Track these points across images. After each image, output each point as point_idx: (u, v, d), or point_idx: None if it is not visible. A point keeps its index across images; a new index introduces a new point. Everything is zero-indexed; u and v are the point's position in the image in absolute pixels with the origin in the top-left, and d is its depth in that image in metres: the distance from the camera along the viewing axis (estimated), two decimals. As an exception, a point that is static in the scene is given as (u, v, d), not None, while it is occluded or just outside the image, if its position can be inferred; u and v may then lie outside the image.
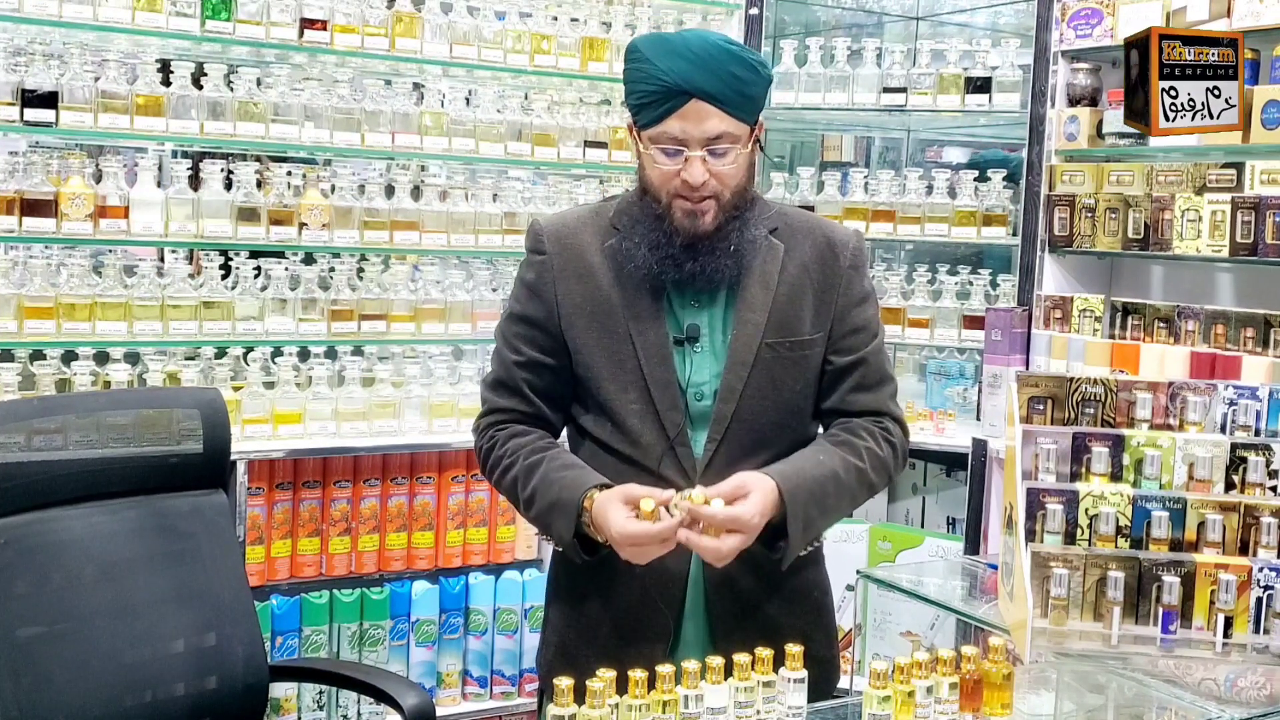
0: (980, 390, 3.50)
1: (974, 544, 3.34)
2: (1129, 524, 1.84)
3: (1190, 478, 1.88)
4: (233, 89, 3.15)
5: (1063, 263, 3.43)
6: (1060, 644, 1.80)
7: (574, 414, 2.06)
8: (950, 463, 3.66)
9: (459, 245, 3.46)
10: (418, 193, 3.45)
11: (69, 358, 3.03)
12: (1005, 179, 3.65)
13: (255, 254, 3.26)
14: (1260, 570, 1.78)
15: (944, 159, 4.45)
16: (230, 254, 3.23)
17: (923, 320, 3.65)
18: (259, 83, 3.19)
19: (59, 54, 3.02)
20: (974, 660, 1.65)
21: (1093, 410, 1.96)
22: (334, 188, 3.34)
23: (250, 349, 3.22)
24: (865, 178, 3.77)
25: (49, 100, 2.92)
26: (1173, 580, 1.78)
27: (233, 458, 2.57)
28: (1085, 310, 3.28)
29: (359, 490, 3.29)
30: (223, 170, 3.17)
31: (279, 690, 3.16)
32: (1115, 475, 1.89)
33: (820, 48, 3.75)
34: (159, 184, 3.16)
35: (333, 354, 3.33)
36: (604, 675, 1.49)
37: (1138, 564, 1.80)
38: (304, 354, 3.27)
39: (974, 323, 3.59)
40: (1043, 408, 1.97)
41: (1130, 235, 3.14)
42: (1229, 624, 1.78)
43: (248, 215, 3.17)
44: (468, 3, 3.50)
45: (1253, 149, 2.91)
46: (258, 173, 3.21)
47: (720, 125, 1.89)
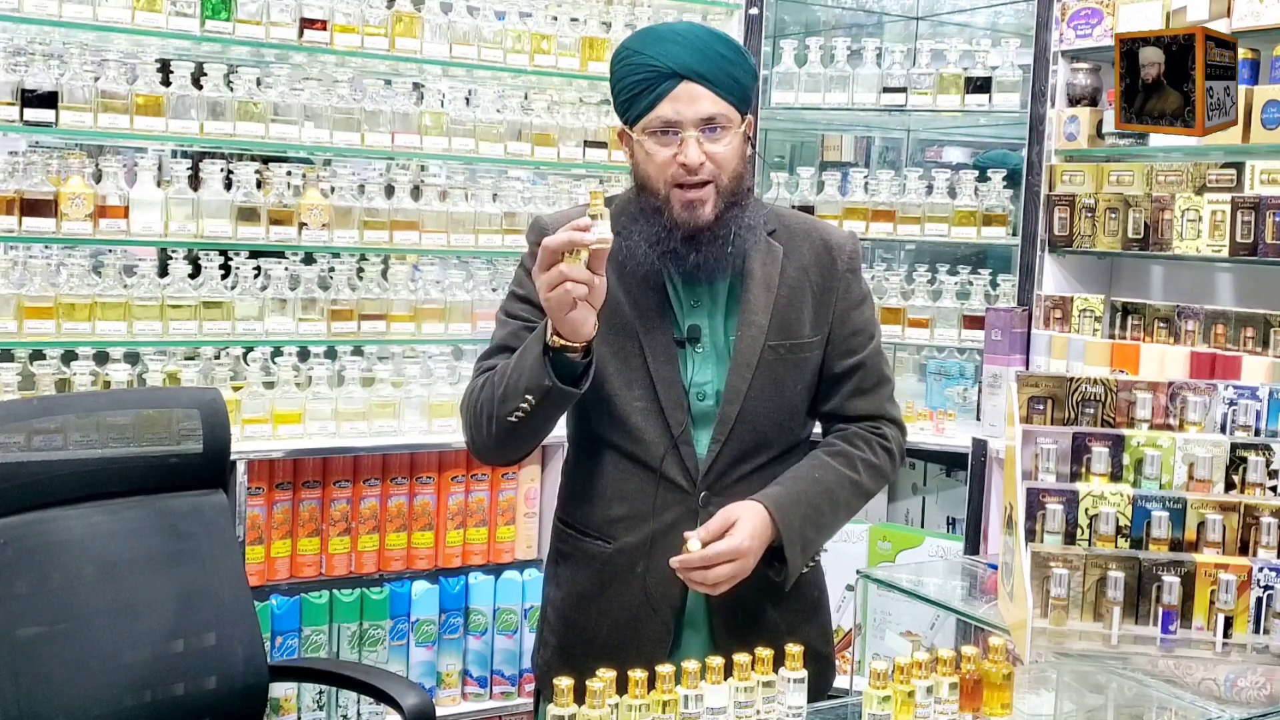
0: (980, 390, 3.50)
1: (974, 544, 3.34)
2: (1129, 524, 1.84)
3: (1190, 478, 1.88)
4: (232, 89, 3.15)
5: (1063, 263, 3.43)
6: (1060, 644, 1.80)
7: (577, 410, 2.06)
8: (950, 463, 3.66)
9: (459, 245, 3.46)
10: (417, 193, 3.45)
11: (69, 358, 3.03)
12: (1005, 179, 3.65)
13: (255, 254, 3.26)
14: (1260, 570, 1.78)
15: (944, 159, 4.45)
16: (230, 254, 3.23)
17: (923, 320, 3.65)
18: (259, 83, 3.19)
19: (59, 54, 3.02)
20: (974, 660, 1.65)
21: (1093, 410, 1.96)
22: (334, 188, 3.34)
23: (250, 349, 3.22)
24: (865, 178, 3.77)
25: (49, 100, 2.92)
26: (1173, 580, 1.78)
27: (232, 458, 2.57)
28: (1085, 310, 3.28)
29: (359, 490, 3.29)
30: (223, 170, 3.17)
31: (279, 690, 3.16)
32: (1115, 475, 1.89)
33: (820, 48, 3.75)
34: (159, 184, 3.16)
35: (332, 354, 3.33)
36: (604, 675, 1.49)
37: (1138, 564, 1.80)
38: (304, 354, 3.27)
39: (974, 323, 3.59)
40: (1043, 408, 1.97)
41: (1130, 235, 3.14)
42: (1229, 624, 1.78)
43: (247, 215, 3.17)
44: (468, 3, 3.50)
45: (1253, 149, 2.91)
46: (257, 173, 3.21)
47: (712, 107, 1.90)
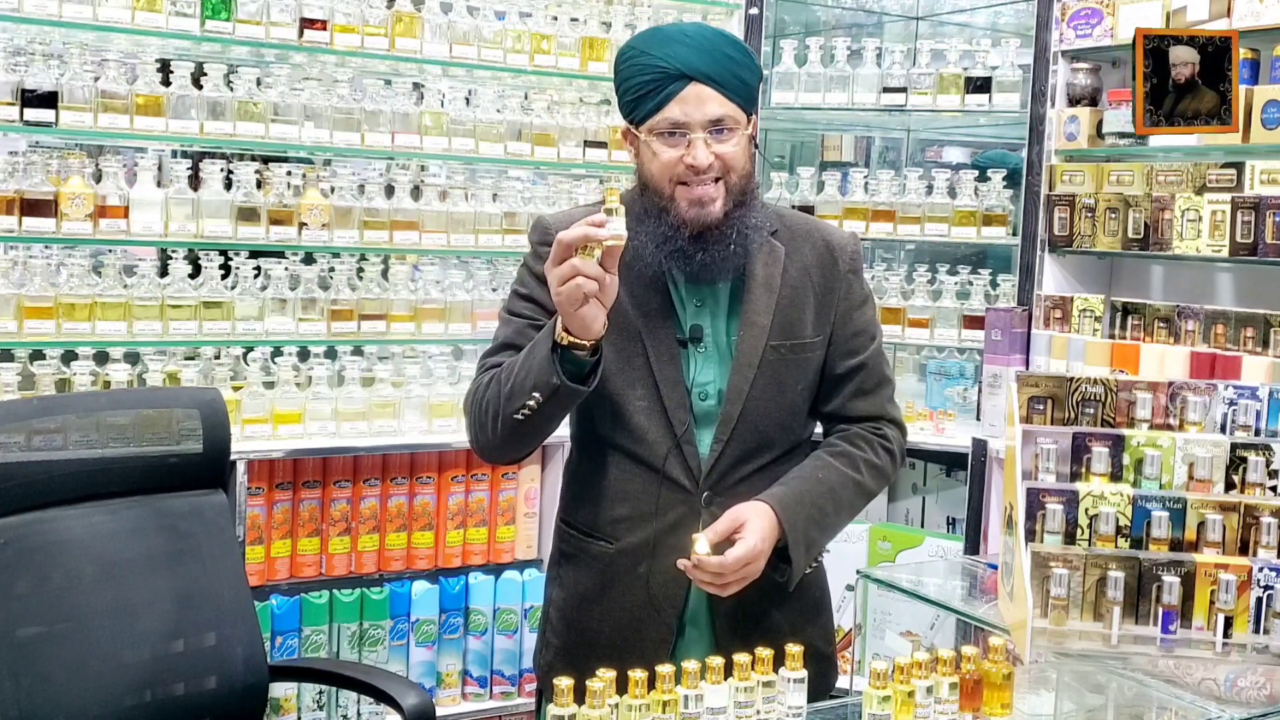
0: (980, 390, 3.50)
1: (974, 544, 3.34)
2: (1129, 524, 1.84)
3: (1190, 478, 1.88)
4: (232, 89, 3.15)
5: (1063, 263, 3.43)
6: (1060, 644, 1.80)
7: (580, 411, 2.06)
8: (950, 463, 3.66)
9: (459, 245, 3.46)
10: (417, 193, 3.45)
11: (69, 358, 3.03)
12: (1005, 179, 3.65)
13: (255, 254, 3.26)
14: (1260, 570, 1.78)
15: (944, 159, 4.45)
16: (230, 254, 3.23)
17: (923, 320, 3.65)
18: (259, 83, 3.19)
19: (59, 54, 3.02)
20: (974, 660, 1.65)
21: (1093, 410, 1.96)
22: (334, 188, 3.34)
23: (250, 349, 3.22)
24: (865, 178, 3.77)
25: (49, 100, 2.92)
26: (1173, 580, 1.78)
27: (232, 458, 2.57)
28: (1085, 310, 3.28)
29: (359, 490, 3.29)
30: (222, 170, 3.17)
31: (279, 690, 3.16)
32: (1115, 475, 1.89)
33: (820, 47, 3.75)
34: (159, 184, 3.16)
35: (332, 354, 3.33)
36: (604, 675, 1.49)
37: (1138, 564, 1.80)
38: (304, 354, 3.27)
39: (974, 323, 3.59)
40: (1043, 408, 1.97)
41: (1130, 235, 3.14)
42: (1229, 624, 1.78)
43: (247, 215, 3.17)
44: (468, 3, 3.50)
45: (1253, 149, 2.91)
46: (257, 173, 3.21)
47: (720, 109, 1.90)
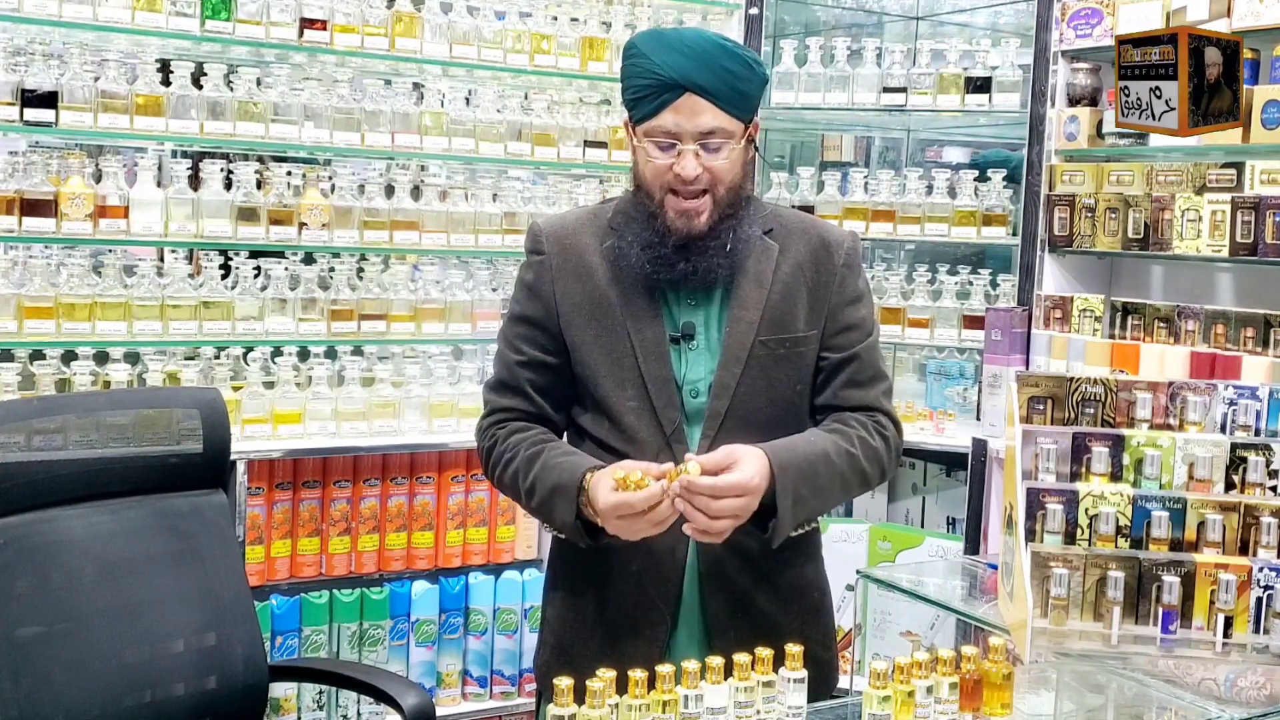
0: (980, 390, 3.50)
1: (974, 544, 3.34)
2: (1129, 524, 1.84)
3: (1190, 478, 1.88)
4: (232, 89, 3.15)
5: (1063, 263, 3.42)
6: (1060, 644, 1.80)
7: (573, 413, 2.07)
8: (950, 463, 3.66)
9: (459, 245, 3.46)
10: (417, 193, 3.45)
11: (69, 358, 3.03)
12: (1005, 179, 3.65)
13: (255, 254, 3.26)
14: (1260, 570, 1.78)
15: (944, 159, 4.45)
16: (230, 254, 3.23)
17: (923, 320, 3.64)
18: (259, 83, 3.19)
19: (59, 54, 3.02)
20: (974, 660, 1.65)
21: (1093, 410, 1.96)
22: (334, 188, 3.34)
23: (250, 349, 3.22)
24: (865, 178, 3.77)
25: (49, 100, 2.92)
26: (1173, 580, 1.78)
27: (232, 458, 2.57)
28: (1085, 310, 3.28)
29: (359, 490, 3.29)
30: (222, 170, 3.17)
31: (279, 690, 3.16)
32: (1115, 475, 1.89)
33: (820, 48, 3.75)
34: (159, 184, 3.16)
35: (332, 354, 3.33)
36: (604, 675, 1.49)
37: (1138, 564, 1.80)
38: (304, 354, 3.27)
39: (974, 323, 3.59)
40: (1043, 408, 1.97)
41: (1130, 235, 3.14)
42: (1229, 624, 1.78)
43: (247, 215, 3.17)
44: (468, 3, 3.50)
45: (1253, 149, 2.91)
46: (257, 173, 3.21)
47: (713, 120, 1.91)
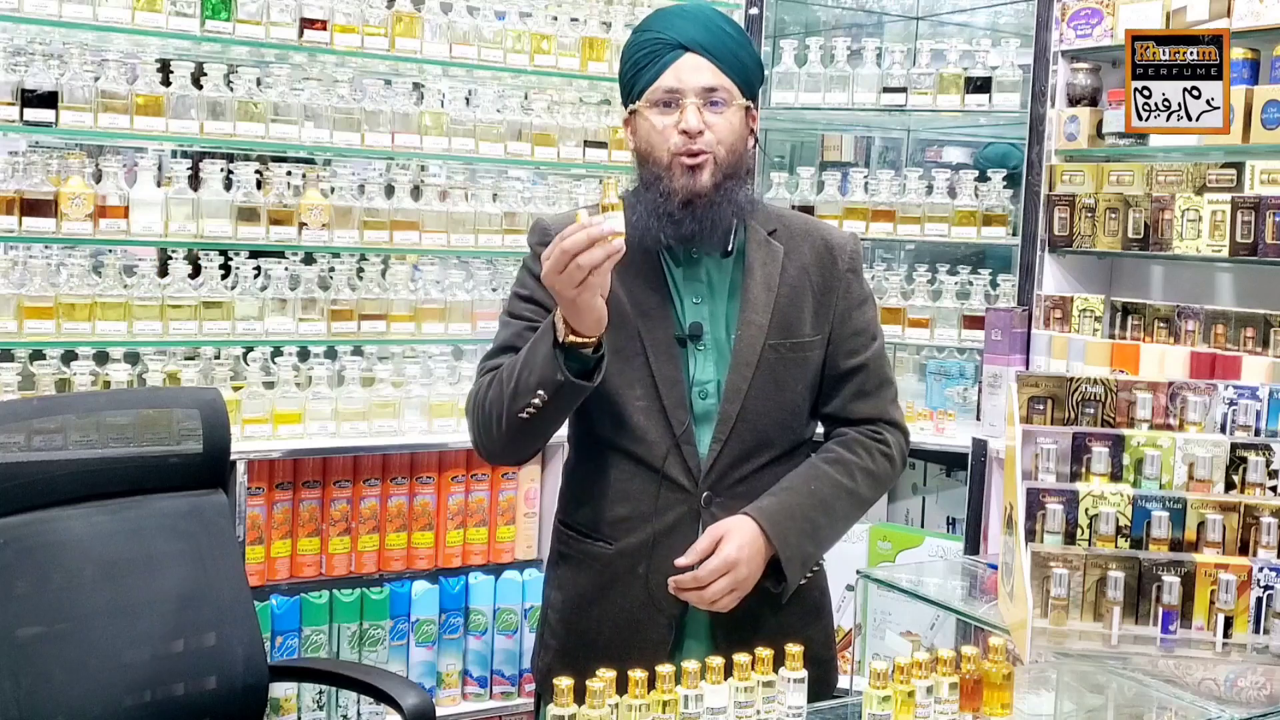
0: (980, 390, 3.50)
1: (974, 544, 3.34)
2: (1129, 524, 1.84)
3: (1190, 478, 1.88)
4: (232, 89, 3.15)
5: (1063, 263, 3.43)
6: (1060, 644, 1.80)
7: (579, 412, 2.05)
8: (950, 463, 3.66)
9: (459, 245, 3.46)
10: (418, 193, 3.45)
11: (69, 358, 3.03)
12: (1005, 179, 3.65)
13: (255, 254, 3.26)
14: (1260, 570, 1.78)
15: (944, 159, 4.45)
16: (230, 254, 3.23)
17: (923, 320, 3.65)
18: (259, 83, 3.19)
19: (59, 54, 3.02)
20: (974, 660, 1.65)
21: (1093, 410, 1.96)
22: (334, 188, 3.34)
23: (250, 349, 3.22)
24: (865, 178, 3.77)
25: (49, 100, 2.92)
26: (1173, 580, 1.78)
27: (232, 458, 2.57)
28: (1085, 310, 3.28)
29: (359, 490, 3.29)
30: (222, 170, 3.17)
31: (279, 690, 3.15)
32: (1115, 475, 1.89)
33: (820, 48, 3.75)
34: (159, 184, 3.16)
35: (332, 354, 3.33)
36: (604, 675, 1.49)
37: (1138, 564, 1.80)
38: (304, 354, 3.27)
39: (974, 323, 3.59)
40: (1043, 408, 1.97)
41: (1130, 235, 3.14)
42: (1229, 624, 1.78)
43: (247, 215, 3.17)
44: (468, 3, 3.50)
45: (1253, 149, 2.91)
46: (257, 173, 3.21)
47: (713, 79, 1.94)
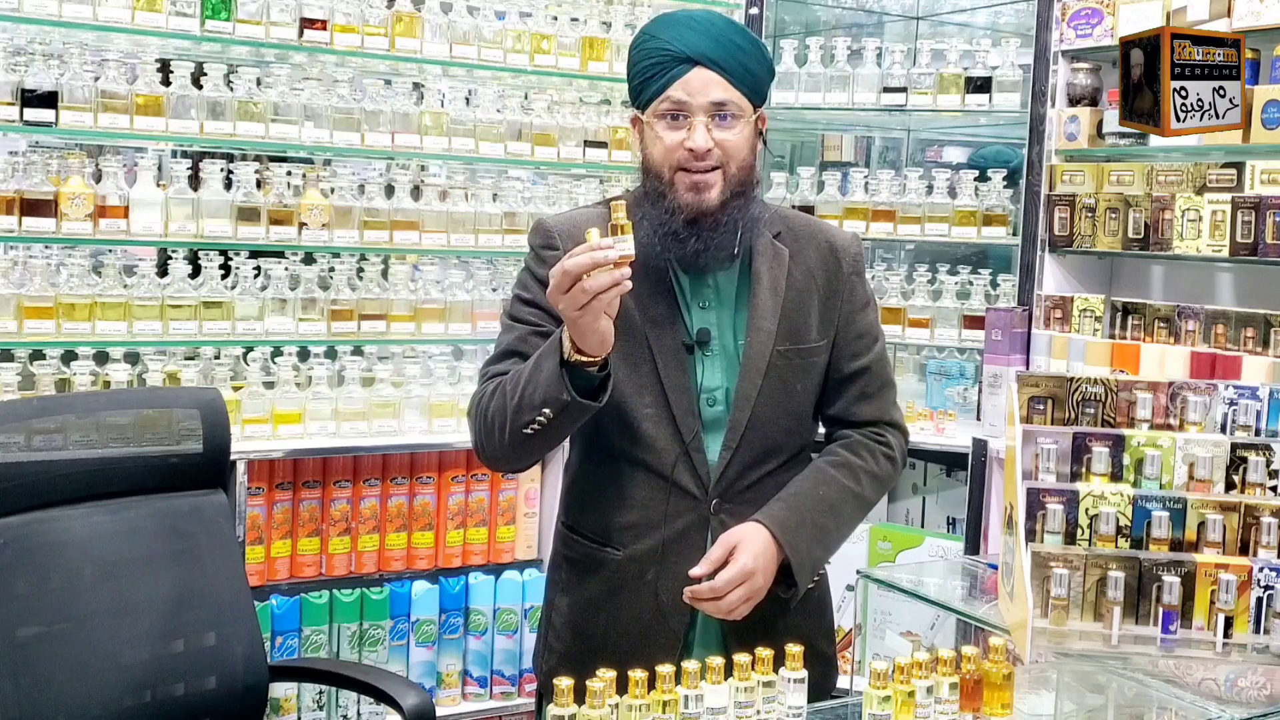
0: (980, 390, 3.50)
1: (974, 544, 3.34)
2: (1129, 524, 1.84)
3: (1190, 478, 1.88)
4: (232, 89, 3.15)
5: (1063, 263, 3.42)
6: (1060, 644, 1.80)
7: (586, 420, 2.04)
8: (950, 463, 3.66)
9: (459, 245, 3.46)
10: (418, 193, 3.45)
11: (69, 358, 3.03)
12: (1005, 179, 3.65)
13: (255, 254, 3.26)
14: (1260, 570, 1.78)
15: (944, 159, 4.45)
16: (230, 254, 3.23)
17: (923, 320, 3.65)
18: (259, 83, 3.19)
19: (59, 54, 3.02)
20: (974, 660, 1.65)
21: (1093, 410, 1.96)
22: (334, 188, 3.33)
23: (250, 349, 3.22)
24: (865, 178, 3.77)
25: (49, 100, 2.92)
26: (1173, 580, 1.78)
27: (232, 458, 2.57)
28: (1085, 310, 3.28)
29: (359, 490, 3.29)
30: (222, 170, 3.17)
31: (279, 690, 3.16)
32: (1115, 475, 1.89)
33: (820, 47, 3.75)
34: (159, 184, 3.16)
35: (332, 354, 3.33)
36: (604, 675, 1.49)
37: (1138, 564, 1.80)
38: (304, 354, 3.27)
39: (974, 323, 3.59)
40: (1043, 408, 1.97)
41: (1130, 235, 3.14)
42: (1229, 624, 1.78)
43: (248, 215, 3.17)
44: (468, 2, 3.50)
45: (1253, 149, 2.91)
46: (257, 173, 3.21)
47: (723, 93, 1.90)
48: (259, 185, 3.22)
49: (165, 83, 3.08)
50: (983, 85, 3.61)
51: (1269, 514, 1.81)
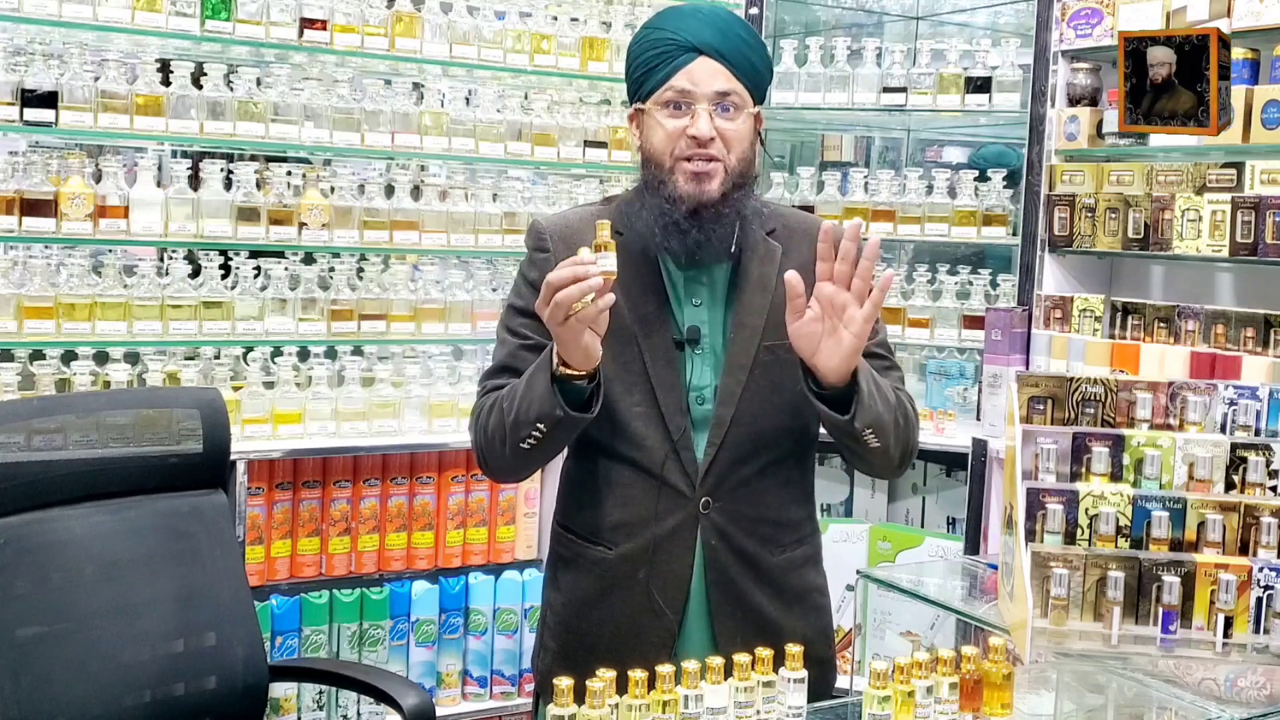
0: (980, 390, 3.50)
1: (974, 544, 3.34)
2: (1129, 524, 1.84)
3: (1190, 478, 1.88)
4: (232, 89, 3.15)
5: (1063, 263, 3.42)
6: (1060, 644, 1.80)
7: None
8: (950, 463, 3.66)
9: (459, 245, 3.46)
10: (417, 193, 3.45)
11: (69, 358, 3.03)
12: (1005, 179, 3.65)
13: (255, 254, 3.26)
14: (1260, 570, 1.78)
15: (944, 159, 4.45)
16: (230, 254, 3.23)
17: (923, 320, 3.65)
18: (259, 82, 3.19)
19: (59, 54, 3.02)
20: (974, 660, 1.65)
21: (1093, 410, 1.96)
22: (334, 188, 3.34)
23: (250, 349, 3.22)
24: (865, 178, 3.77)
25: (49, 100, 2.92)
26: (1173, 580, 1.78)
27: (232, 458, 2.57)
28: (1085, 310, 3.28)
29: (359, 490, 3.29)
30: (222, 170, 3.17)
31: (279, 690, 3.16)
32: (1115, 475, 1.89)
33: (820, 47, 3.75)
34: (159, 184, 3.16)
35: (332, 354, 3.33)
36: (604, 675, 1.49)
37: (1138, 564, 1.80)
38: (304, 354, 3.27)
39: (974, 323, 3.59)
40: (1043, 408, 1.97)
41: (1130, 235, 3.14)
42: (1229, 624, 1.78)
43: (247, 215, 3.17)
44: (468, 3, 3.50)
45: (1253, 149, 2.91)
46: (257, 173, 3.21)
47: (727, 84, 1.91)
48: (259, 185, 3.22)
49: (165, 83, 3.08)
50: (983, 85, 3.61)
51: (1269, 514, 1.81)
